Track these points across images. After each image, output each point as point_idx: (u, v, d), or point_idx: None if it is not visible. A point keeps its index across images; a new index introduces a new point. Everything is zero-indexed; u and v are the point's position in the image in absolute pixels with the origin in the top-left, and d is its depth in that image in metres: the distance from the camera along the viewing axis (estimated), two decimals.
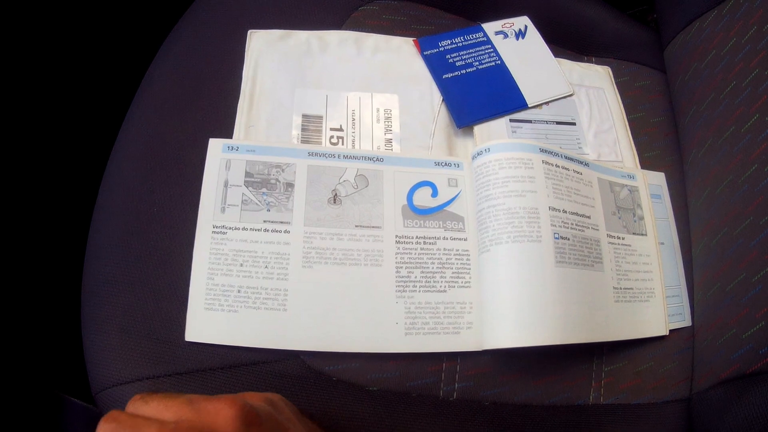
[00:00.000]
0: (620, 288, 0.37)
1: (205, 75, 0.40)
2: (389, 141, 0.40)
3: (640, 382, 0.38)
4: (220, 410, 0.22)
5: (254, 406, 0.23)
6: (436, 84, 0.42)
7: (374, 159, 0.38)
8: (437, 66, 0.43)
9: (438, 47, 0.44)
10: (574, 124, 0.43)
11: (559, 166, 0.38)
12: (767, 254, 0.33)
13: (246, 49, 0.41)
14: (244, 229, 0.35)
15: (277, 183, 0.36)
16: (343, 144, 0.39)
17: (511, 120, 0.42)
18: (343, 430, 0.33)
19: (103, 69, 0.62)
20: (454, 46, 0.44)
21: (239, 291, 0.33)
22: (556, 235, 0.35)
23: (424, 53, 0.43)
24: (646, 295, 0.38)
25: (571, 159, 0.39)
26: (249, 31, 0.42)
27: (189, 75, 0.40)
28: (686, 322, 0.39)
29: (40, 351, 0.55)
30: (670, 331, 0.39)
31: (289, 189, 0.36)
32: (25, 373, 0.53)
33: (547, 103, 0.43)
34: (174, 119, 0.39)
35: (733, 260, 0.36)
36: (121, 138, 0.40)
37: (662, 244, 0.41)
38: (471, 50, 0.44)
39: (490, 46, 0.45)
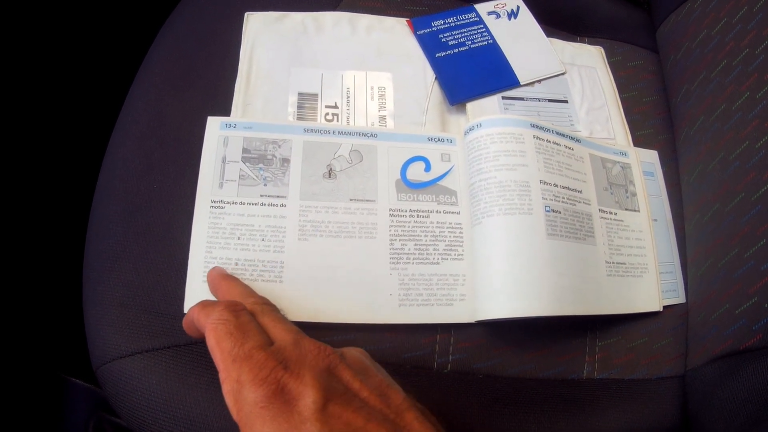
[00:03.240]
0: (613, 262, 0.38)
1: (203, 56, 0.41)
2: (383, 118, 0.40)
3: (634, 357, 0.37)
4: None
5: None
6: (429, 63, 0.43)
7: (368, 135, 0.39)
8: (430, 45, 0.43)
9: (431, 27, 0.44)
10: (566, 102, 0.43)
11: (550, 142, 0.38)
12: (759, 230, 0.33)
13: (243, 31, 0.42)
14: (241, 203, 0.35)
15: (274, 158, 0.37)
16: (338, 121, 0.39)
17: (503, 97, 0.42)
18: None
19: (105, 51, 0.63)
20: (446, 26, 0.44)
21: (236, 263, 0.34)
22: (547, 208, 0.36)
23: (418, 33, 0.44)
24: (640, 271, 0.39)
25: (563, 135, 0.39)
26: (246, 14, 0.42)
27: (188, 56, 0.41)
28: (680, 298, 0.39)
29: (41, 333, 0.55)
30: (665, 307, 0.38)
31: (285, 164, 0.37)
32: (27, 354, 0.54)
33: (539, 81, 0.44)
34: (173, 99, 0.39)
35: (725, 236, 0.36)
36: (122, 118, 0.40)
37: (655, 220, 0.41)
38: (463, 30, 0.45)
39: (482, 26, 0.45)
